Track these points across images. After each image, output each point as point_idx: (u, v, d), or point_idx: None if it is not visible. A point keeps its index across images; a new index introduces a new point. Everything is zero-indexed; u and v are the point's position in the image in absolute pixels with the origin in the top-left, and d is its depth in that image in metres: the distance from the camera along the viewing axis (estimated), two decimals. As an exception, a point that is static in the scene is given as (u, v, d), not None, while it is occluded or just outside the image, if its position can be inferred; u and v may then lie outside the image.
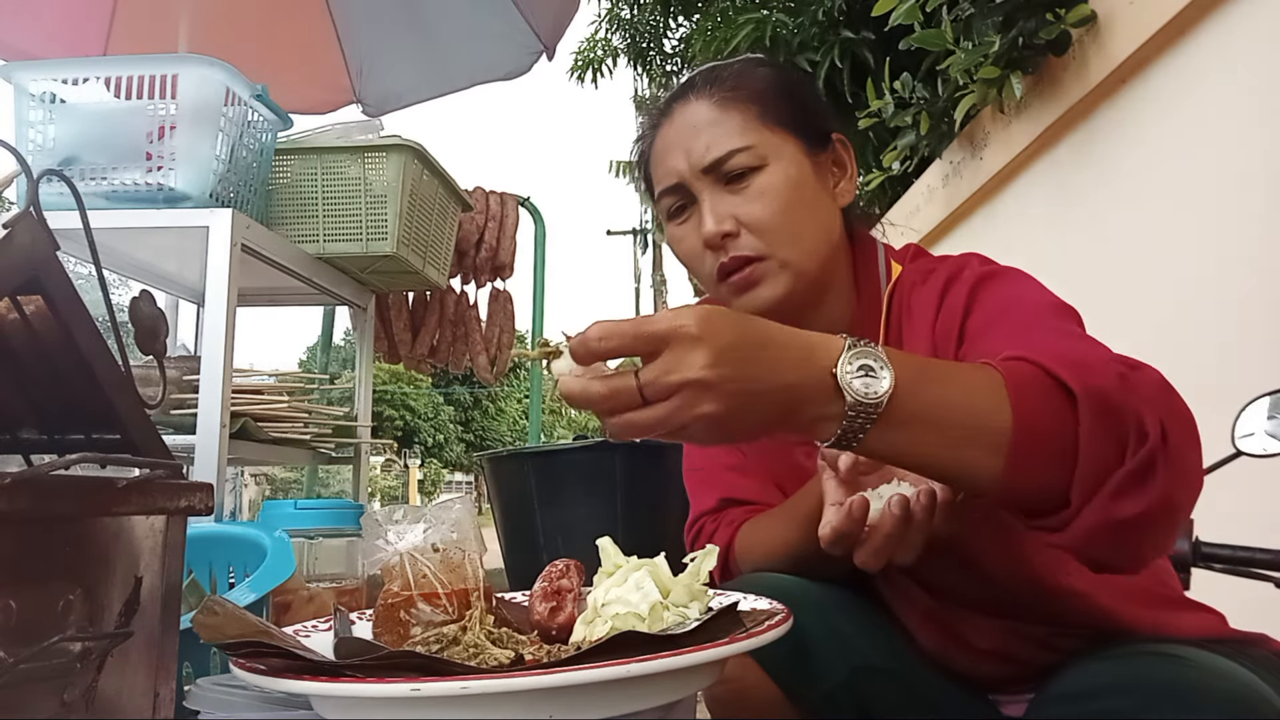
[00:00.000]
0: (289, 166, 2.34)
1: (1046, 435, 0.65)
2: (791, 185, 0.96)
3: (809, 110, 1.02)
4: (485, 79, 3.51)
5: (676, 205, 1.01)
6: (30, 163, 0.69)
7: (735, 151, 0.95)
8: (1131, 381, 0.68)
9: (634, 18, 6.05)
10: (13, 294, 0.64)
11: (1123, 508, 0.65)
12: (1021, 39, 2.18)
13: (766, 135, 0.97)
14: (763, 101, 0.98)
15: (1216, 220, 1.73)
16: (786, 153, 0.98)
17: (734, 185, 0.96)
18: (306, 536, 1.57)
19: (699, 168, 0.97)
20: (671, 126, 1.01)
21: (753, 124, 0.97)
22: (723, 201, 0.96)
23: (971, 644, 0.94)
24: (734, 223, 0.95)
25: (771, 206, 0.95)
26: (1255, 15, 1.63)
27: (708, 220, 0.96)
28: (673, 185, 0.99)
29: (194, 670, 1.04)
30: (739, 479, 1.07)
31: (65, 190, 0.73)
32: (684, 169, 0.98)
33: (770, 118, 0.98)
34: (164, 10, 2.72)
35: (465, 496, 0.88)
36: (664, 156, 1.01)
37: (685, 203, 1.00)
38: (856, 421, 0.65)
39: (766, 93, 0.99)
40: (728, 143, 0.96)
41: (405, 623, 0.79)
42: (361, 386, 2.76)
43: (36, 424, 0.73)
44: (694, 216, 0.99)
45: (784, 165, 0.97)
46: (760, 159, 0.96)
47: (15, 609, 0.56)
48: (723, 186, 0.97)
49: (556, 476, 2.47)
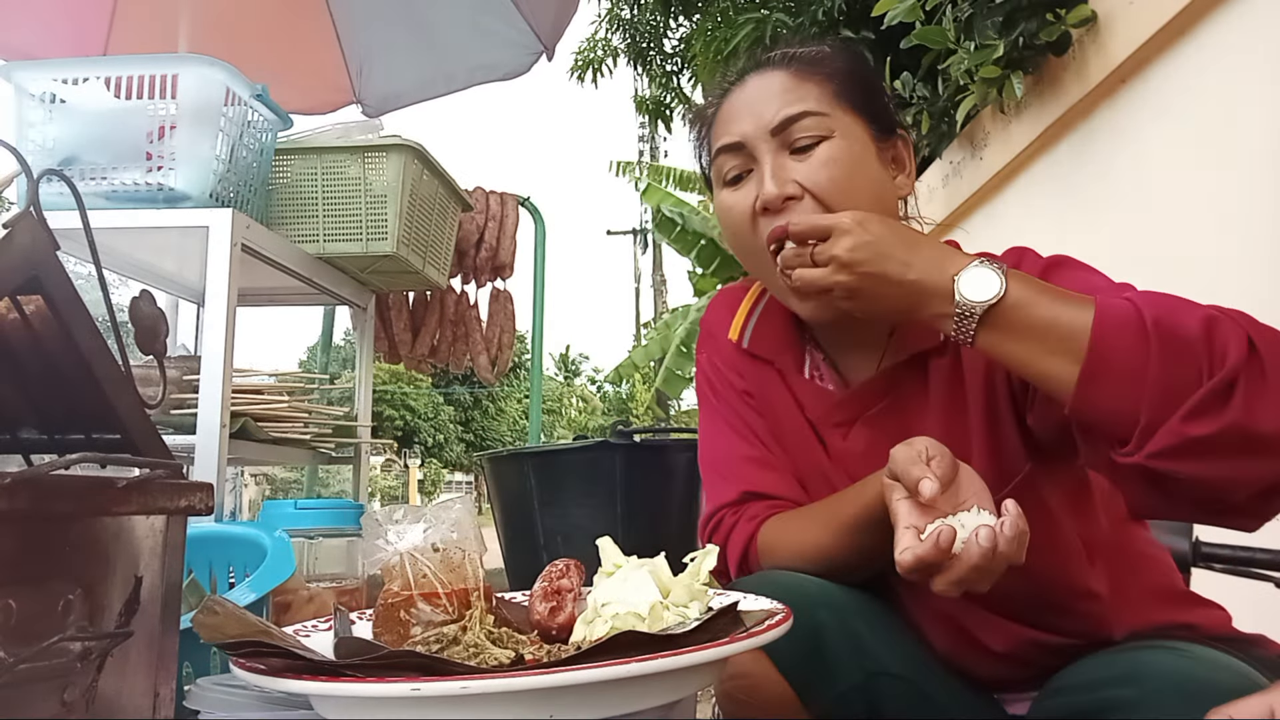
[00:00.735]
0: (289, 166, 2.34)
1: (1118, 356, 0.74)
2: (856, 160, 0.96)
3: (880, 100, 1.02)
4: (485, 79, 3.51)
5: (733, 168, 0.99)
6: (30, 163, 0.69)
7: (807, 114, 0.95)
8: (1217, 317, 0.74)
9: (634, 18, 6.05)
10: (13, 294, 0.64)
11: (1195, 427, 0.69)
12: (1022, 39, 2.18)
13: (839, 111, 0.97)
14: (838, 80, 0.98)
15: (1216, 220, 1.73)
16: (855, 132, 0.97)
17: (798, 154, 0.95)
18: (306, 536, 1.57)
19: (767, 128, 0.95)
20: (743, 92, 1.00)
21: (827, 97, 0.97)
22: (784, 166, 0.95)
23: (985, 647, 0.94)
24: (795, 187, 0.94)
25: (835, 175, 0.94)
26: (1254, 15, 1.63)
27: (769, 182, 0.94)
28: (734, 143, 0.98)
29: (194, 670, 1.04)
30: (761, 472, 1.04)
31: (65, 190, 0.73)
32: (750, 129, 0.97)
33: (844, 97, 0.97)
34: (164, 10, 2.72)
35: (465, 496, 0.88)
36: (730, 118, 1.00)
37: (741, 168, 0.98)
38: (963, 322, 0.80)
39: (843, 73, 0.99)
40: (801, 105, 0.95)
41: (405, 622, 0.79)
42: (361, 386, 2.76)
43: (36, 424, 0.73)
44: (749, 183, 0.97)
45: (851, 143, 0.96)
46: (829, 129, 0.95)
47: (15, 609, 0.56)
48: (786, 153, 0.95)
49: (556, 476, 2.46)
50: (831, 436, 1.02)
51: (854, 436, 1.00)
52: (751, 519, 1.01)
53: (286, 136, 2.30)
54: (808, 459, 1.03)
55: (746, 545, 0.99)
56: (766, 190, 0.94)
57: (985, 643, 0.94)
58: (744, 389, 1.07)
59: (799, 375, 1.05)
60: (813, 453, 1.03)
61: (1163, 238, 1.90)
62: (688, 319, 8.76)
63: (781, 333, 1.07)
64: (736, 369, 1.08)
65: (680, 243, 8.57)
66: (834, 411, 1.01)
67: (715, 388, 1.09)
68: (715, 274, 8.58)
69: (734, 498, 1.03)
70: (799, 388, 1.04)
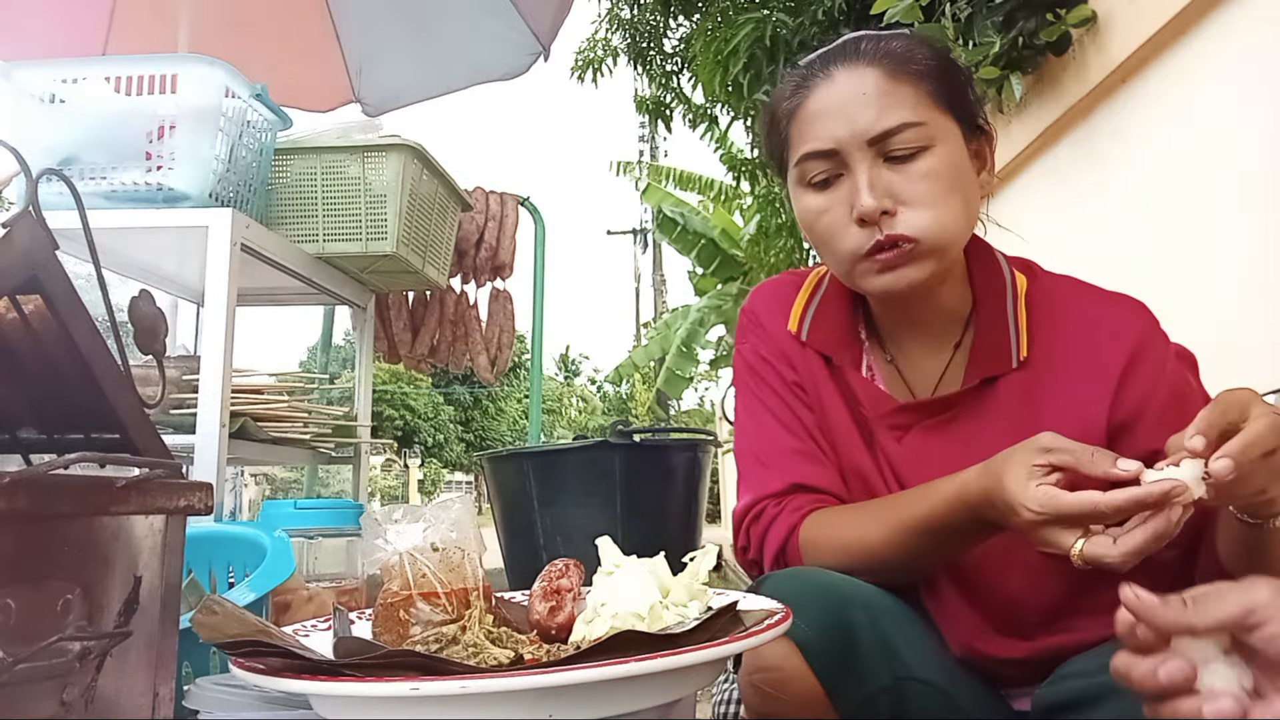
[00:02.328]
0: (289, 166, 2.34)
1: None
2: (954, 171, 0.94)
3: (969, 97, 0.99)
4: (484, 79, 3.51)
5: (821, 173, 0.96)
6: (30, 163, 0.69)
7: (907, 125, 0.92)
8: None
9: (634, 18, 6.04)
10: (12, 294, 0.64)
11: None
12: (1021, 39, 2.18)
13: (935, 115, 0.94)
14: (934, 80, 0.95)
15: (1216, 219, 1.73)
16: (951, 137, 0.95)
17: (894, 162, 0.93)
18: (306, 536, 1.57)
19: (864, 137, 0.92)
20: (833, 89, 0.96)
21: (924, 101, 0.93)
22: (880, 176, 0.92)
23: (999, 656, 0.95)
24: (891, 200, 0.92)
25: (935, 189, 0.92)
26: (1253, 15, 1.63)
27: (865, 195, 0.91)
28: (827, 150, 0.94)
29: (193, 670, 1.04)
30: (809, 465, 1.02)
31: (65, 190, 0.73)
32: (844, 136, 0.93)
33: (940, 98, 0.94)
34: (163, 10, 2.72)
35: (465, 496, 0.88)
36: (820, 118, 0.95)
37: (832, 172, 0.95)
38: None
39: (937, 72, 0.96)
40: (899, 115, 0.92)
41: (405, 622, 0.79)
42: (361, 386, 2.76)
43: (36, 423, 0.73)
44: (842, 187, 0.95)
45: (949, 149, 0.94)
46: (929, 138, 0.92)
47: (15, 608, 0.56)
48: (881, 161, 0.93)
49: (556, 476, 2.46)
50: (885, 438, 1.00)
51: (910, 441, 0.99)
52: (795, 510, 0.99)
53: (286, 136, 2.30)
54: (849, 457, 1.02)
55: (787, 537, 0.97)
56: (865, 204, 0.91)
57: (1000, 654, 0.95)
58: (795, 380, 1.05)
59: (856, 372, 1.04)
60: (856, 451, 1.02)
61: (1163, 237, 1.90)
62: (688, 319, 8.76)
63: (840, 328, 1.06)
64: (788, 360, 1.06)
65: (680, 243, 8.57)
66: (895, 414, 1.00)
67: (763, 378, 1.07)
68: (715, 274, 8.58)
69: (779, 489, 1.01)
70: (855, 384, 1.03)
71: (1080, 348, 0.95)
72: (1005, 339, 0.97)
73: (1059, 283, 1.03)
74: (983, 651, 0.96)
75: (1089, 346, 0.95)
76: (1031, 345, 0.97)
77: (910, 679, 0.86)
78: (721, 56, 3.72)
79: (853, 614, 0.85)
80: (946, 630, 0.97)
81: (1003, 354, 0.96)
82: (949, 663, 0.93)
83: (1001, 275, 1.02)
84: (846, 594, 0.86)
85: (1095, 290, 1.01)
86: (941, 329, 1.01)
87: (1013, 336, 0.97)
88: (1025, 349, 0.96)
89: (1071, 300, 0.99)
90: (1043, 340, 0.97)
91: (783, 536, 0.98)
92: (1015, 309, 0.99)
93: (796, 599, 0.81)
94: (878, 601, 0.89)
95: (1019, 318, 0.98)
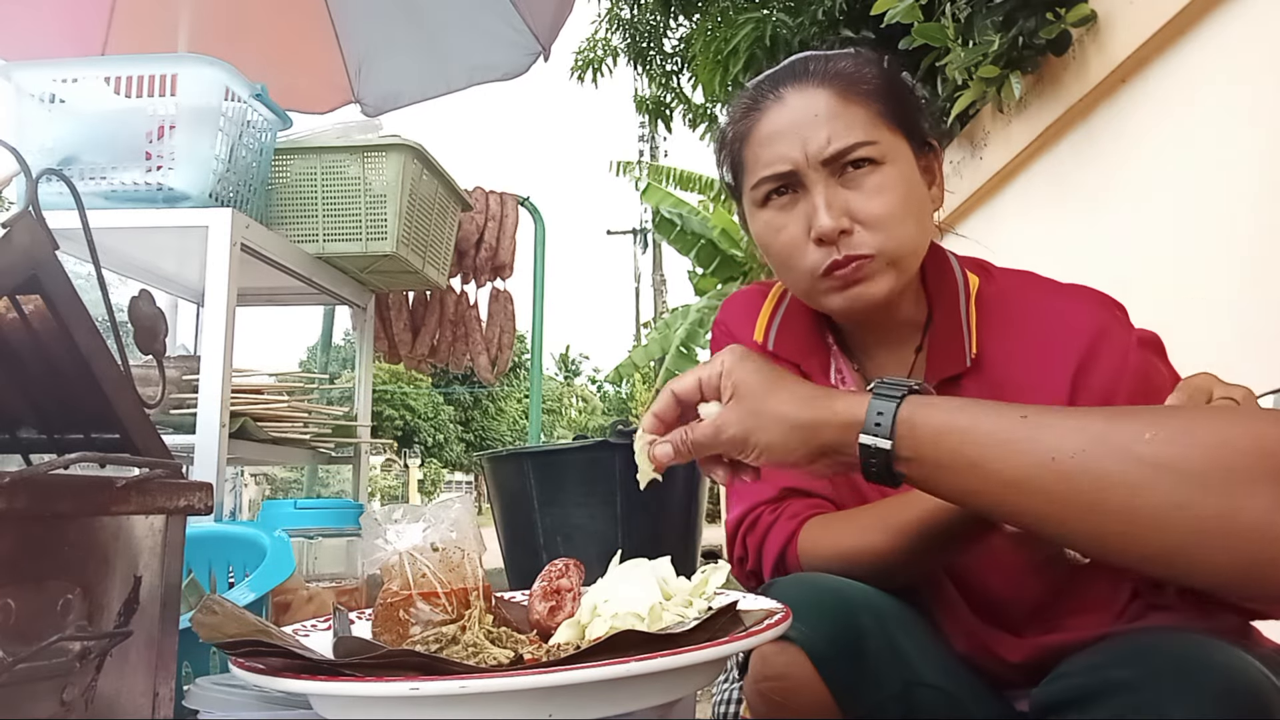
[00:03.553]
0: (289, 166, 2.34)
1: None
2: (906, 186, 0.95)
3: (917, 115, 1.00)
4: (484, 79, 3.51)
5: (777, 193, 0.97)
6: (30, 162, 0.69)
7: (859, 145, 0.93)
8: None
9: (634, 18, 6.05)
10: (12, 294, 0.64)
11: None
12: (1021, 38, 2.18)
13: (886, 134, 0.95)
14: (883, 100, 0.96)
15: (1216, 219, 1.73)
16: (902, 154, 0.96)
17: (848, 180, 0.94)
18: (306, 536, 1.57)
19: (818, 158, 0.94)
20: (784, 110, 0.97)
21: (875, 121, 0.95)
22: (837, 195, 0.94)
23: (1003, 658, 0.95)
24: (848, 220, 0.93)
25: (889, 205, 0.93)
26: (1253, 15, 1.63)
27: (823, 215, 0.93)
28: (784, 172, 0.96)
29: (193, 670, 1.04)
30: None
31: (65, 190, 0.73)
32: (799, 157, 0.95)
33: (890, 117, 0.96)
34: (163, 10, 2.72)
35: (465, 496, 0.88)
36: (773, 140, 0.97)
37: (789, 191, 0.97)
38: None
39: (886, 91, 0.97)
40: (851, 136, 0.93)
41: (404, 622, 0.79)
42: (361, 386, 2.76)
43: (36, 423, 0.73)
44: (799, 206, 0.96)
45: (900, 167, 0.95)
46: (881, 155, 0.94)
47: (14, 608, 0.56)
48: (836, 180, 0.94)
49: (556, 476, 2.46)
50: None
51: None
52: (792, 517, 0.99)
53: (286, 136, 2.30)
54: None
55: (786, 544, 0.98)
56: (822, 223, 0.93)
57: (1003, 655, 0.95)
58: None
59: (824, 379, 1.04)
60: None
61: (1163, 237, 1.90)
62: (688, 319, 8.76)
63: (805, 336, 1.07)
64: None
65: (680, 243, 8.57)
66: None
67: None
68: (715, 274, 8.58)
69: (772, 495, 1.01)
70: None
71: (1035, 343, 0.95)
72: (959, 339, 0.98)
73: (1014, 280, 1.04)
74: (982, 651, 0.96)
75: (1044, 341, 0.95)
76: (985, 344, 0.97)
77: (920, 684, 0.86)
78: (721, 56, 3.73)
79: (861, 620, 0.85)
80: (949, 631, 0.97)
81: (956, 354, 0.97)
82: (955, 666, 0.94)
83: (953, 277, 1.03)
84: (854, 600, 0.86)
85: (1051, 284, 1.02)
86: (903, 336, 1.02)
87: (965, 336, 0.98)
88: (975, 346, 0.97)
89: (1027, 297, 1.00)
90: (998, 338, 0.98)
91: (781, 543, 0.98)
92: (967, 308, 1.00)
93: (804, 605, 0.81)
94: (885, 606, 0.89)
95: (970, 317, 0.99)
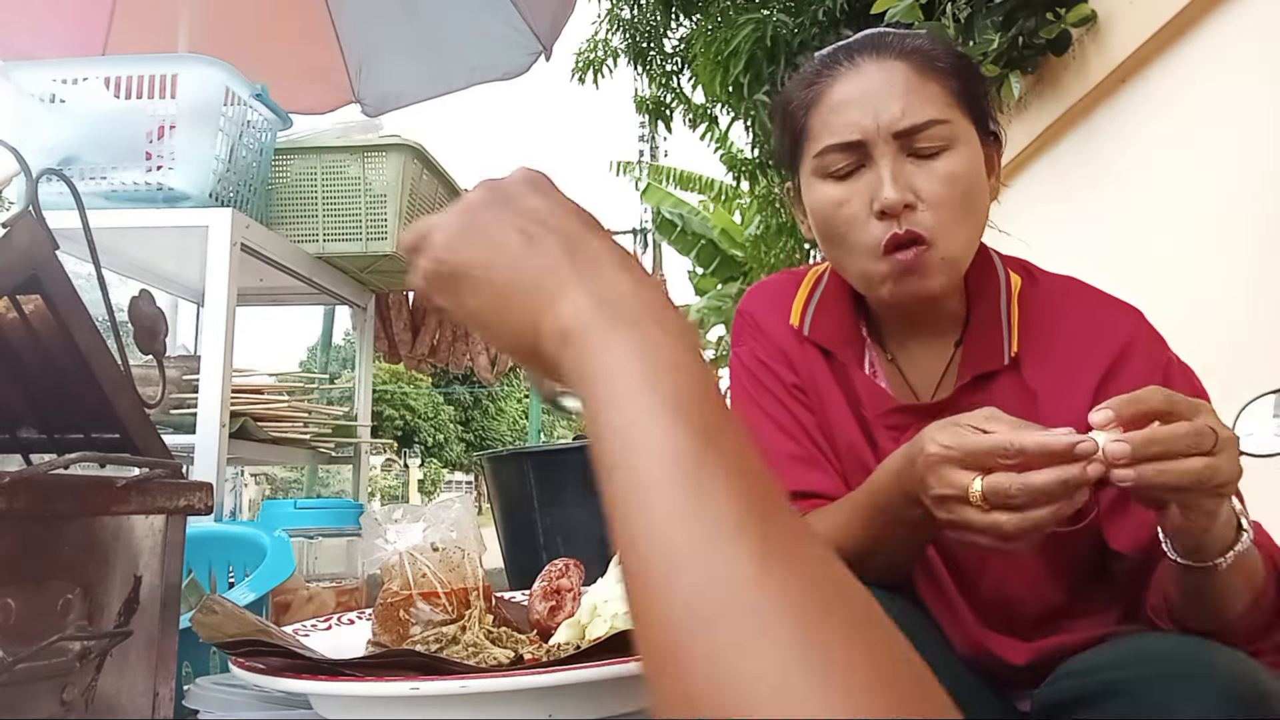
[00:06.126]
0: (289, 166, 2.34)
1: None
2: (974, 173, 0.94)
3: (985, 103, 0.99)
4: (484, 79, 3.51)
5: (842, 164, 0.94)
6: (30, 162, 0.69)
7: (935, 122, 0.91)
8: None
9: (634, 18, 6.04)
10: (12, 293, 0.64)
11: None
12: (1021, 38, 2.18)
13: (958, 115, 0.93)
14: (958, 80, 0.94)
15: (1217, 219, 1.72)
16: (971, 139, 0.94)
17: (917, 158, 0.92)
18: (306, 536, 1.57)
19: (890, 130, 0.91)
20: (859, 78, 0.94)
21: (950, 100, 0.93)
22: (904, 170, 0.91)
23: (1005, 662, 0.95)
24: (913, 195, 0.91)
25: (956, 190, 0.91)
26: (1254, 14, 1.63)
27: (889, 187, 0.90)
28: (853, 141, 0.93)
29: (193, 670, 1.04)
30: (808, 471, 1.00)
31: (65, 190, 0.73)
32: (871, 126, 0.92)
33: (962, 98, 0.94)
34: (163, 10, 2.71)
35: (465, 496, 0.88)
36: (844, 108, 0.94)
37: (854, 163, 0.94)
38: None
39: (960, 72, 0.95)
40: (927, 111, 0.91)
41: (405, 622, 0.79)
42: (361, 386, 2.76)
43: (36, 423, 0.73)
44: (862, 180, 0.93)
45: (969, 151, 0.93)
46: (953, 137, 0.92)
47: (15, 608, 0.56)
48: (905, 156, 0.92)
49: (556, 476, 2.46)
50: (883, 438, 1.00)
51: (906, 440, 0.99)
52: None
53: (286, 136, 2.30)
54: (853, 455, 1.01)
55: None
56: (889, 196, 0.90)
57: (1006, 657, 0.95)
58: (795, 383, 1.04)
59: (859, 370, 1.03)
60: (860, 450, 1.01)
61: (1163, 237, 1.90)
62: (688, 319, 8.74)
63: (841, 324, 1.05)
64: (788, 362, 1.05)
65: (680, 243, 8.57)
66: (892, 414, 1.00)
67: (760, 381, 1.06)
68: (715, 274, 8.58)
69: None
70: (858, 381, 1.02)
71: (1072, 346, 0.95)
72: (997, 336, 0.97)
73: (1057, 283, 1.03)
74: (984, 654, 0.95)
75: (1080, 345, 0.95)
76: (1024, 343, 0.97)
77: None
78: (722, 57, 3.73)
79: None
80: (950, 631, 0.97)
81: (994, 351, 0.96)
82: (956, 667, 0.93)
83: (996, 274, 1.02)
84: None
85: (1093, 291, 1.01)
86: (942, 329, 1.01)
87: (1004, 333, 0.97)
88: (1016, 345, 0.96)
89: (1067, 301, 0.99)
90: (1036, 339, 0.97)
91: None
92: (1008, 307, 0.99)
93: None
94: (889, 605, 0.88)
95: (1011, 315, 0.98)
